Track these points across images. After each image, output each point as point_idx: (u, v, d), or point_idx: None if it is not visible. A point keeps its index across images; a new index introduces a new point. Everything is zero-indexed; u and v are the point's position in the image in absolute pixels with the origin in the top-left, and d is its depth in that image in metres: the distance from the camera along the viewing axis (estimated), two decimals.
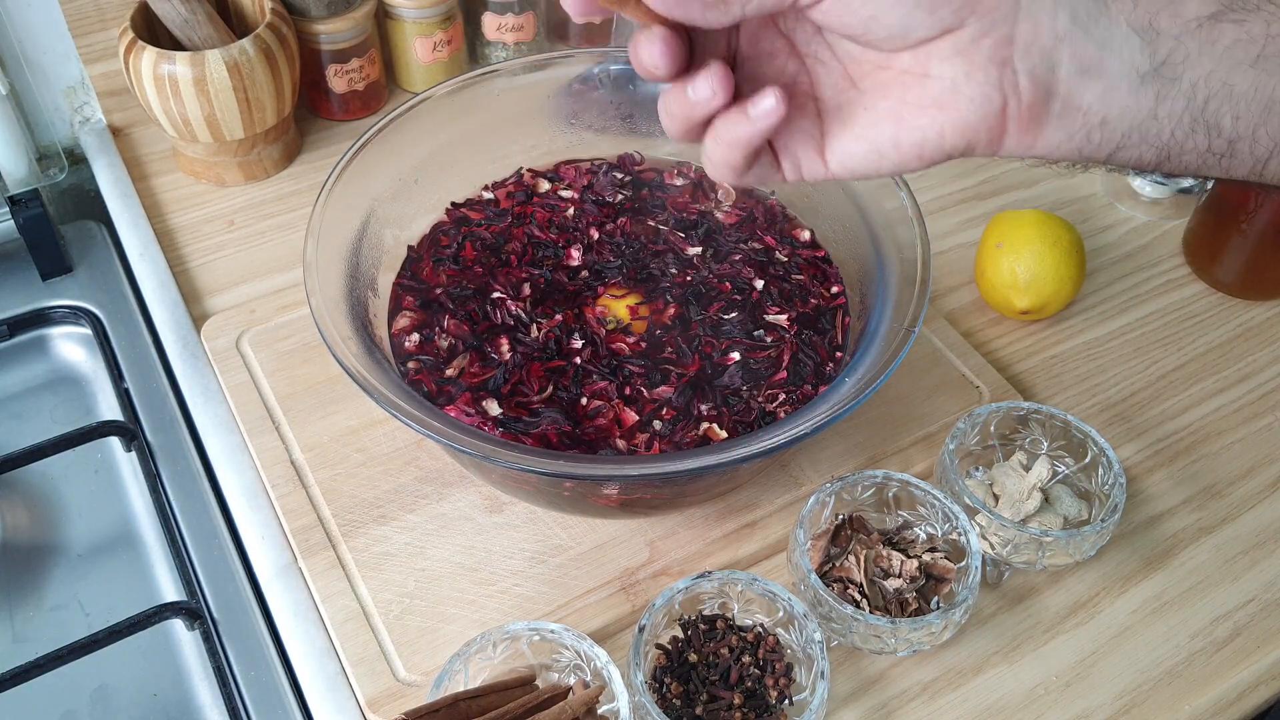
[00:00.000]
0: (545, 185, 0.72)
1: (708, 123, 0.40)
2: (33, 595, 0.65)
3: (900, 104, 0.38)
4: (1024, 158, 0.40)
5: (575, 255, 0.67)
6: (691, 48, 0.39)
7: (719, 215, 0.71)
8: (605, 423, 0.58)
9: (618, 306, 0.64)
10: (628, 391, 0.60)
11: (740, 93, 0.39)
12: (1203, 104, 0.38)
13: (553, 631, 0.55)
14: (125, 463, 0.71)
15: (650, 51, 0.38)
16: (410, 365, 0.61)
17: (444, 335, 0.63)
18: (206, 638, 0.60)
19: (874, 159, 0.40)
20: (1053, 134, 0.38)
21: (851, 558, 0.59)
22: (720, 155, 0.40)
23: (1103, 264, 0.82)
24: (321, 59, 0.85)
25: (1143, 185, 0.85)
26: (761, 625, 0.57)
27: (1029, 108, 0.38)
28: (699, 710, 0.54)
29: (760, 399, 0.60)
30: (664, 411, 0.59)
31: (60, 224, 0.82)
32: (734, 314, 0.64)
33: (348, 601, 0.59)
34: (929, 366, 0.72)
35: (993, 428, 0.65)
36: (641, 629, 0.54)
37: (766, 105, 0.38)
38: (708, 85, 0.38)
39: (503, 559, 0.61)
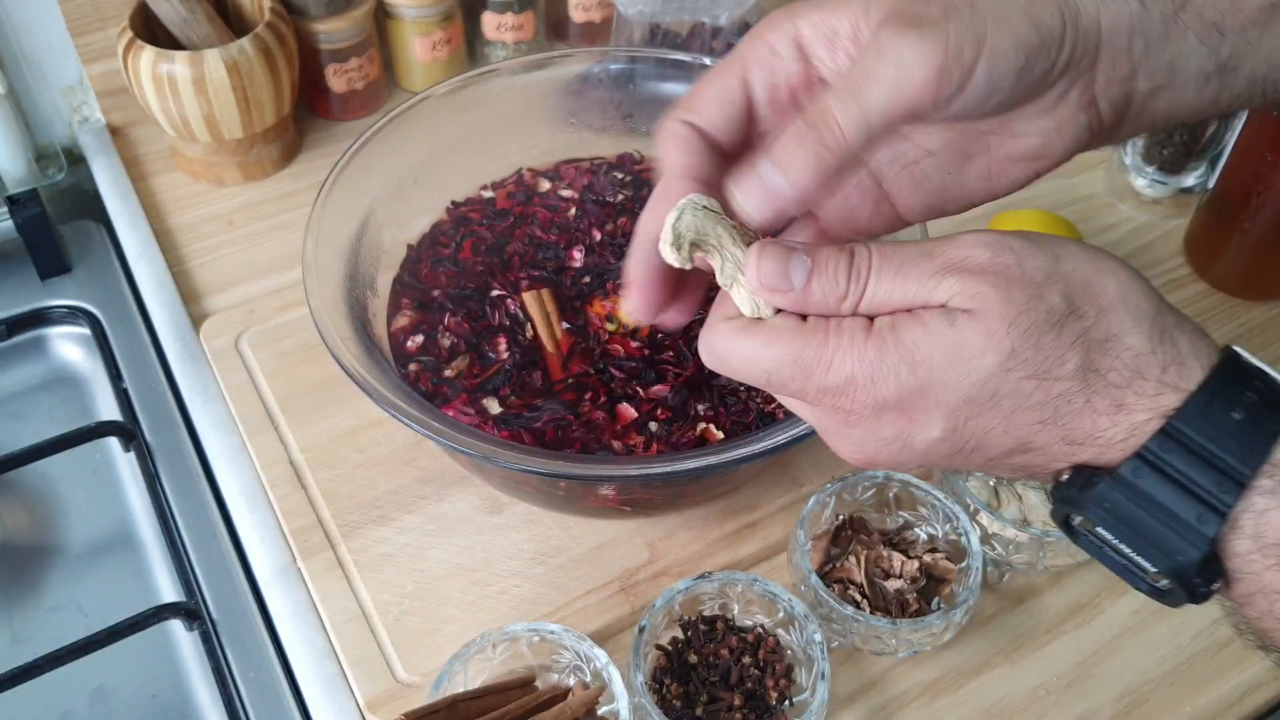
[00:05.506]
0: (545, 185, 0.72)
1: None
2: (31, 596, 0.65)
3: (989, 166, 0.41)
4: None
5: (577, 257, 0.67)
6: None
7: None
8: (601, 419, 0.58)
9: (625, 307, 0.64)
10: (624, 389, 0.60)
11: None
12: (1261, 79, 0.40)
13: (552, 632, 0.55)
14: (124, 463, 0.71)
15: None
16: (412, 367, 0.61)
17: (445, 334, 0.62)
18: (205, 638, 0.60)
19: (965, 206, 0.43)
20: (1120, 136, 0.41)
21: (852, 558, 0.59)
22: None
23: None
24: (321, 58, 0.85)
25: (1144, 185, 0.85)
26: (762, 626, 0.57)
27: (1108, 128, 0.40)
28: (699, 711, 0.54)
29: (758, 400, 0.60)
30: (659, 412, 0.59)
31: (59, 224, 0.82)
32: None
33: (347, 602, 0.59)
34: None
35: None
36: (641, 630, 0.54)
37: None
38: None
39: (502, 560, 0.61)
